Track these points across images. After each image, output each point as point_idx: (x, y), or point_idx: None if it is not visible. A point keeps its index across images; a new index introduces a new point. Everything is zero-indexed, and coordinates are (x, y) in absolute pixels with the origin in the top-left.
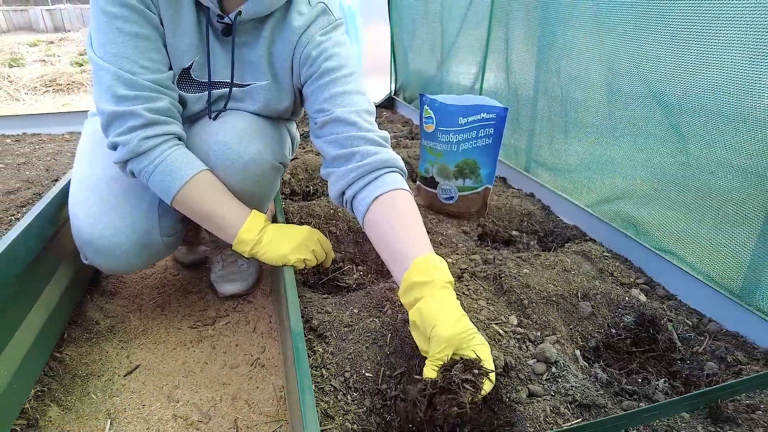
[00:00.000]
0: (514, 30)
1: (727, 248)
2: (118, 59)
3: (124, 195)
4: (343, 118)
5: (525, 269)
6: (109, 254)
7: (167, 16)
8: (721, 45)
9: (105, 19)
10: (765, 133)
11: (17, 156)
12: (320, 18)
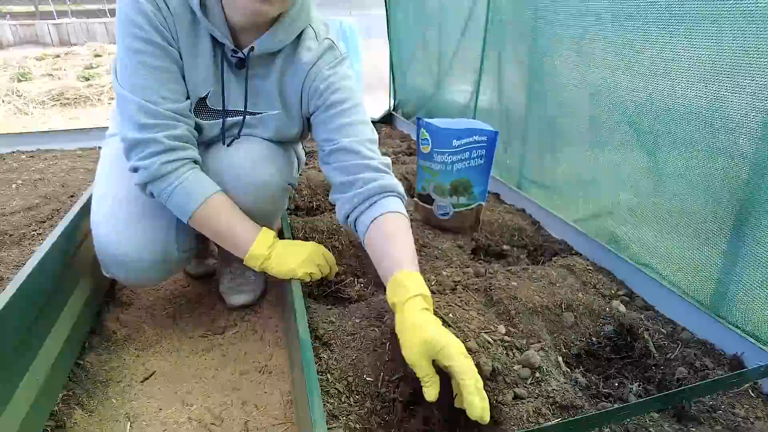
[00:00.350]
0: (505, 56)
1: (697, 263)
2: (141, 90)
3: (144, 213)
4: (349, 148)
5: (514, 282)
6: (130, 268)
7: (186, 50)
8: (685, 85)
9: (130, 54)
10: (722, 160)
11: (33, 172)
12: (327, 53)
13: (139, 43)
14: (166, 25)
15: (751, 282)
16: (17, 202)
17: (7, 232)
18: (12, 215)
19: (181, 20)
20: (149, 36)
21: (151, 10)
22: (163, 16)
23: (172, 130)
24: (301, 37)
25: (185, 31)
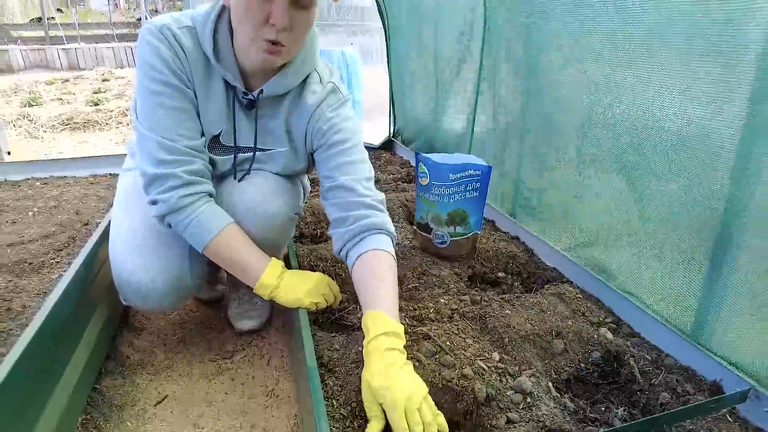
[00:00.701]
0: (500, 91)
1: (678, 293)
2: (159, 129)
3: (159, 243)
4: (346, 185)
5: (507, 310)
6: (147, 296)
7: (201, 91)
8: (661, 117)
9: (149, 95)
10: (699, 192)
11: (48, 199)
12: (330, 96)
13: (158, 85)
14: (183, 69)
15: (728, 312)
16: (35, 229)
17: (27, 260)
18: (30, 243)
19: (196, 65)
20: (167, 79)
21: (170, 56)
22: (180, 61)
23: (189, 165)
24: (307, 81)
25: (200, 74)
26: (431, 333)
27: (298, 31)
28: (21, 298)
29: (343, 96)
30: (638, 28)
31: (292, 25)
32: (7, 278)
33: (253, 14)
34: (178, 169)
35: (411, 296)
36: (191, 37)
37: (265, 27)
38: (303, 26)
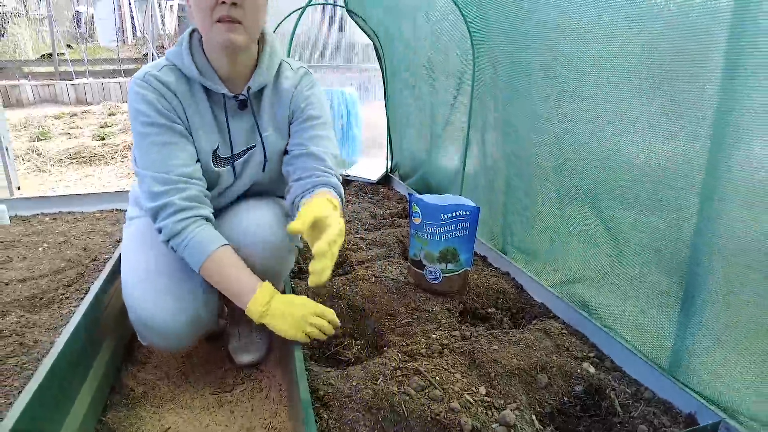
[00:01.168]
0: (486, 135)
1: (655, 329)
2: (152, 165)
3: (175, 284)
4: (316, 154)
5: (495, 345)
6: (166, 335)
7: (192, 115)
8: (633, 161)
9: (141, 137)
10: (669, 234)
11: (57, 235)
12: (304, 78)
13: (146, 127)
14: (170, 106)
15: (700, 348)
16: (45, 265)
17: (38, 296)
18: (41, 278)
19: (182, 94)
20: (153, 119)
21: (154, 98)
22: (166, 99)
23: (183, 192)
24: (279, 71)
25: (187, 101)
26: (421, 368)
27: (249, 6)
28: (33, 333)
29: (314, 79)
30: (596, 88)
31: (242, 2)
32: (20, 313)
33: (206, 2)
34: (173, 198)
35: (404, 332)
36: (171, 72)
37: (217, 8)
38: (252, 6)
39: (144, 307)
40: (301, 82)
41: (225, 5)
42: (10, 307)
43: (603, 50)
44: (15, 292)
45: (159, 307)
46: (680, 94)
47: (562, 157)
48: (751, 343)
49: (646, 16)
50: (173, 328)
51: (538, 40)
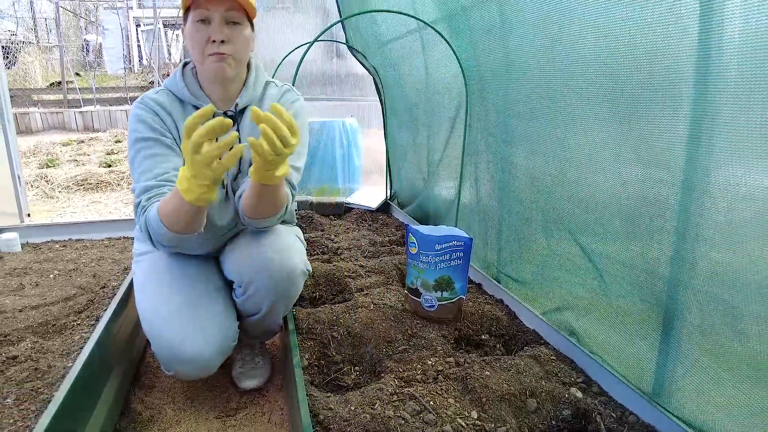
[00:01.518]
0: (479, 167)
1: (638, 357)
2: (142, 174)
3: (200, 315)
4: None
5: (487, 371)
6: (195, 365)
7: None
8: (607, 207)
9: (134, 152)
10: (647, 264)
11: (67, 262)
12: (287, 93)
13: (138, 142)
14: (161, 122)
15: (677, 375)
16: (56, 292)
17: (50, 322)
18: (53, 305)
19: (174, 112)
20: (144, 134)
21: (149, 117)
22: (159, 117)
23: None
24: (265, 89)
25: (180, 117)
26: (417, 393)
27: (236, 42)
28: (47, 359)
29: (297, 94)
30: (579, 132)
31: (229, 37)
32: (33, 339)
33: (199, 37)
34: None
35: (401, 358)
36: (165, 94)
37: (209, 45)
38: (238, 39)
39: (173, 344)
40: (283, 96)
41: (215, 43)
42: (24, 333)
43: (582, 92)
44: (28, 319)
45: (190, 338)
46: (650, 135)
47: (545, 192)
48: (722, 371)
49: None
50: (204, 358)
51: (522, 83)
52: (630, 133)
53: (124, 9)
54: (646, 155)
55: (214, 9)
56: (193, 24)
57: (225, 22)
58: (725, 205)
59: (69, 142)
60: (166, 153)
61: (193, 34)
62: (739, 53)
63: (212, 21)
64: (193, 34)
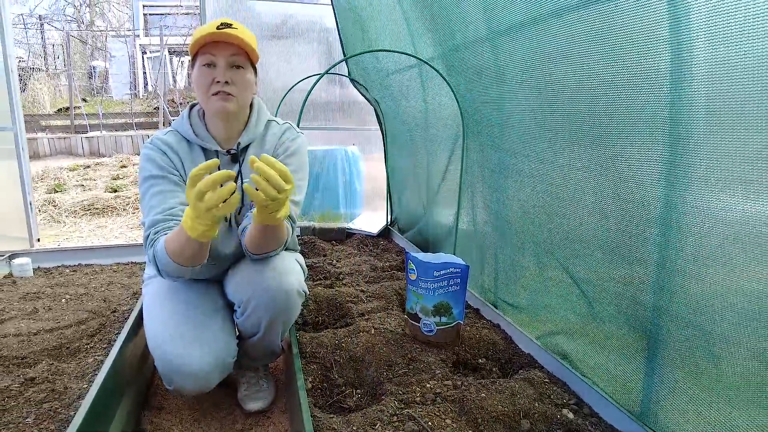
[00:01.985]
0: (476, 198)
1: (626, 379)
2: (151, 209)
3: (202, 333)
4: None
5: (483, 393)
6: (195, 378)
7: (189, 167)
8: (592, 236)
9: (143, 190)
10: (631, 290)
11: (78, 287)
12: (288, 131)
13: (147, 180)
14: (168, 161)
15: (663, 396)
16: (69, 315)
17: (64, 345)
18: (66, 329)
19: (181, 151)
20: (152, 173)
21: (157, 156)
22: (167, 156)
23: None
24: (267, 127)
25: (186, 157)
26: (415, 414)
27: (239, 84)
28: (63, 380)
29: (297, 132)
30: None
31: (233, 80)
32: (49, 362)
33: (204, 79)
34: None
35: (401, 381)
36: (173, 135)
37: (213, 85)
38: (241, 81)
39: (172, 358)
40: (284, 134)
41: (219, 83)
42: (40, 355)
43: (565, 133)
44: (44, 342)
45: (189, 353)
46: (627, 175)
47: (536, 223)
48: (700, 391)
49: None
50: (200, 371)
51: (513, 122)
52: (609, 172)
53: (132, 37)
54: (624, 193)
55: (219, 54)
56: (199, 68)
57: (229, 66)
58: (693, 239)
59: (75, 167)
60: (173, 189)
61: (199, 77)
62: (706, 108)
63: (217, 65)
64: (199, 77)
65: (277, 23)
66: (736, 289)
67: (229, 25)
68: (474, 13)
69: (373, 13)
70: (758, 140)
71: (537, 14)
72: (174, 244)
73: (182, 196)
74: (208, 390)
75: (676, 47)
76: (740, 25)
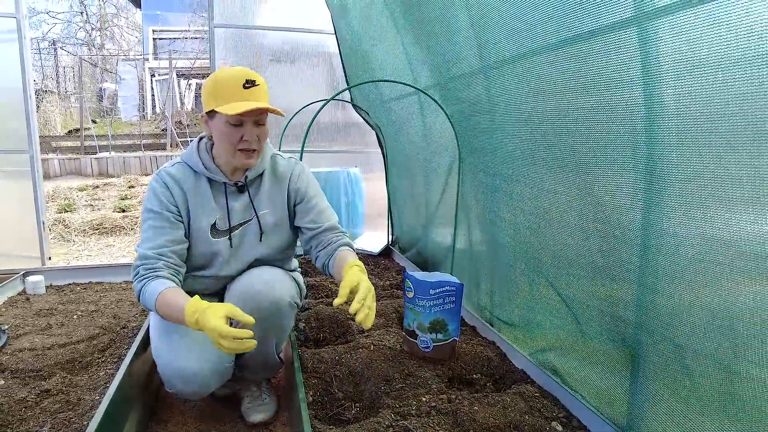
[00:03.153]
0: (471, 219)
1: (612, 393)
2: (145, 241)
3: (198, 342)
4: (330, 227)
5: (476, 407)
6: (193, 380)
7: (193, 198)
8: (575, 257)
9: (143, 221)
10: (616, 309)
11: (89, 304)
12: (297, 166)
13: (147, 213)
14: (170, 197)
15: (646, 408)
16: (81, 331)
17: (77, 359)
18: (78, 344)
19: (187, 183)
20: (153, 207)
21: (160, 191)
22: (169, 190)
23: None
24: (273, 161)
25: (191, 188)
26: (410, 426)
27: (262, 139)
28: (76, 392)
29: (302, 165)
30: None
31: (258, 136)
32: (63, 374)
33: (231, 137)
34: (142, 267)
35: (398, 395)
36: (180, 167)
37: (241, 143)
38: (263, 136)
39: (171, 361)
40: (293, 170)
41: (248, 142)
42: (54, 369)
43: (549, 162)
44: (57, 356)
45: (188, 358)
46: (605, 198)
47: (526, 243)
48: (676, 403)
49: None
50: (199, 374)
51: (504, 149)
52: (588, 196)
53: (141, 60)
54: (602, 215)
55: (248, 116)
56: (225, 124)
57: (256, 125)
58: (666, 259)
59: (85, 188)
60: (166, 226)
61: (226, 133)
62: (677, 138)
63: (245, 124)
64: (226, 133)
65: (282, 49)
66: (700, 305)
67: (254, 82)
68: (466, 49)
69: (374, 44)
70: (721, 168)
71: (520, 52)
72: (166, 309)
73: (173, 234)
74: (207, 393)
75: (647, 80)
76: (706, 58)
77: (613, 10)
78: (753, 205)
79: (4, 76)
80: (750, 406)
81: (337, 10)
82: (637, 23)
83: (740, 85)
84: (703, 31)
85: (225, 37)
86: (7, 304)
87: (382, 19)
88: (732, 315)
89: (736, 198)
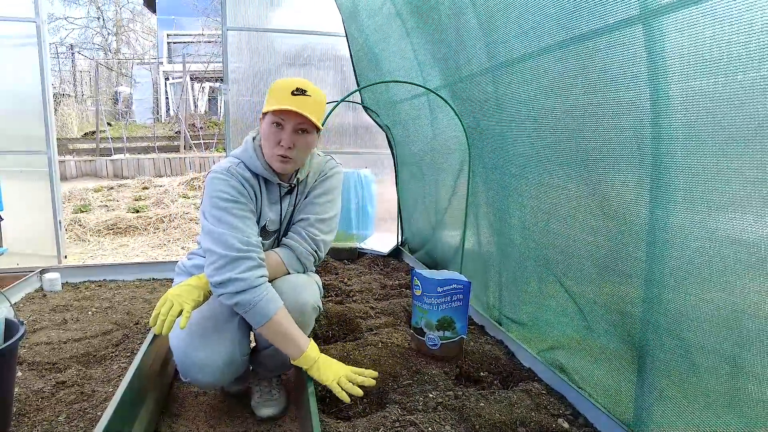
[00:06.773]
0: (480, 219)
1: (618, 391)
2: (233, 228)
3: (214, 331)
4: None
5: (482, 403)
6: (207, 370)
7: (262, 200)
8: (583, 256)
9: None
10: (622, 306)
11: (103, 301)
12: (329, 161)
13: (228, 203)
14: (247, 193)
15: (652, 405)
16: (95, 326)
17: (91, 353)
18: (93, 338)
19: (254, 184)
20: (236, 198)
21: (238, 185)
22: (245, 188)
23: (259, 253)
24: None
25: (255, 187)
26: (417, 421)
27: (300, 148)
28: (90, 385)
29: (337, 162)
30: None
31: (295, 144)
32: (78, 367)
33: (272, 137)
34: (254, 254)
35: (405, 391)
36: (244, 168)
37: (278, 147)
38: (303, 145)
39: (189, 351)
40: (326, 164)
41: (283, 147)
42: (69, 362)
43: (558, 159)
44: (72, 350)
45: (203, 347)
46: (612, 194)
47: (535, 241)
48: (683, 399)
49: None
50: (213, 364)
51: (514, 147)
52: (596, 193)
53: (155, 64)
54: (610, 211)
55: (287, 120)
56: (269, 125)
57: (294, 131)
58: (673, 255)
59: (100, 189)
60: (251, 217)
61: (269, 133)
62: (683, 134)
63: (285, 128)
64: (269, 133)
65: (295, 52)
66: (707, 301)
67: (304, 91)
68: (475, 49)
69: (384, 46)
70: (726, 165)
71: (528, 51)
72: (279, 336)
73: (256, 227)
74: (222, 383)
75: (654, 77)
76: (711, 55)
77: (619, 9)
78: (760, 201)
79: (24, 81)
80: (756, 402)
81: (348, 12)
82: (642, 21)
83: (745, 80)
84: (707, 27)
85: (238, 40)
86: (24, 300)
87: (392, 21)
88: (739, 311)
89: (743, 194)
